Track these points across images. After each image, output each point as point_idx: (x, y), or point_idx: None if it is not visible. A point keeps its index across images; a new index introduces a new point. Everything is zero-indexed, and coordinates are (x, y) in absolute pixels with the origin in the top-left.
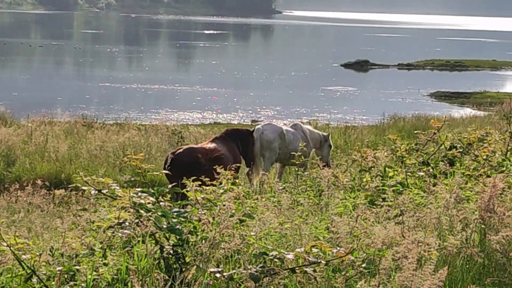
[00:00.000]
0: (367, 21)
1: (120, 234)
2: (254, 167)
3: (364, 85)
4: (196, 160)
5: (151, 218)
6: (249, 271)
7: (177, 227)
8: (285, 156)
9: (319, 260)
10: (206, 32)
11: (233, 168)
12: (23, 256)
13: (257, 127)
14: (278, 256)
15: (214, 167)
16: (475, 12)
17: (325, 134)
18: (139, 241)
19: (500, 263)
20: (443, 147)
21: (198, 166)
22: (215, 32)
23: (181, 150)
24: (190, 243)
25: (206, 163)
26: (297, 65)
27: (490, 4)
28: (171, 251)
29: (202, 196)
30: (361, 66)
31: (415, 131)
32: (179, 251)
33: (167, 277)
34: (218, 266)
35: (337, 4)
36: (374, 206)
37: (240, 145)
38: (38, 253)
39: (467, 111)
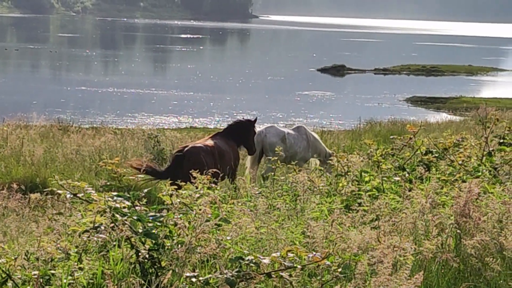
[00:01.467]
0: (344, 25)
1: (95, 238)
2: (249, 163)
3: (340, 89)
4: (201, 160)
5: (126, 222)
6: (225, 275)
7: (153, 231)
8: (285, 159)
9: (295, 265)
10: (182, 36)
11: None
12: None
13: (259, 129)
14: (254, 261)
15: (217, 163)
16: (452, 17)
17: (330, 152)
18: (114, 245)
19: (475, 268)
20: (419, 152)
21: (203, 165)
22: (191, 36)
23: (188, 149)
24: (166, 247)
25: (209, 161)
26: (273, 69)
27: (466, 10)
28: (147, 256)
29: (178, 200)
30: (338, 70)
31: (391, 136)
32: (155, 255)
33: (142, 282)
34: (194, 271)
35: (313, 8)
36: (350, 211)
37: (242, 136)
38: (13, 257)
39: (443, 116)
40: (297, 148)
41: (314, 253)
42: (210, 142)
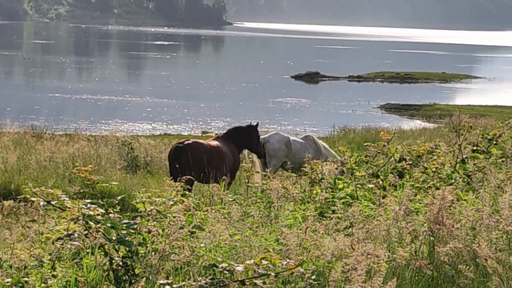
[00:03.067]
0: (318, 32)
1: (69, 246)
2: (254, 168)
3: (314, 97)
4: (201, 154)
5: (100, 229)
6: (199, 283)
7: (127, 238)
8: (294, 166)
9: (268, 272)
10: (156, 43)
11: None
12: None
13: (264, 136)
14: (228, 268)
15: (215, 163)
16: (426, 25)
17: (343, 158)
18: (88, 252)
19: (448, 275)
20: (392, 159)
21: (201, 159)
22: (165, 43)
23: (189, 141)
24: (140, 254)
25: (208, 158)
26: (247, 76)
27: (440, 17)
28: (121, 263)
29: (152, 207)
30: (312, 78)
31: (365, 143)
32: (129, 262)
33: None
34: (167, 278)
35: (288, 15)
36: (324, 218)
37: (244, 141)
38: None
39: (417, 123)
40: (305, 156)
41: (288, 260)
42: (211, 142)
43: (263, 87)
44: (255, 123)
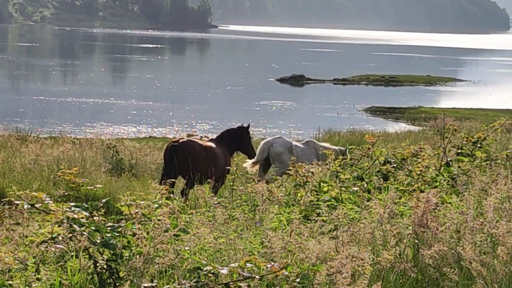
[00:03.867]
0: (303, 35)
1: (53, 249)
2: (258, 174)
3: (299, 99)
4: (196, 153)
5: (84, 232)
6: (183, 286)
7: (111, 241)
8: None
9: (253, 275)
10: (141, 46)
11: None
12: None
13: (267, 139)
14: (212, 271)
15: (209, 163)
16: (411, 27)
17: (343, 148)
18: (72, 255)
19: (433, 278)
20: (377, 162)
21: (196, 158)
22: (150, 46)
23: (184, 140)
24: (124, 258)
25: (202, 157)
26: (233, 79)
27: (425, 20)
28: (105, 266)
29: (137, 210)
30: (297, 80)
31: (350, 146)
32: (113, 266)
33: None
34: (152, 281)
35: (273, 18)
36: (309, 221)
37: (236, 143)
38: None
39: (402, 126)
40: (306, 161)
41: (272, 263)
42: (205, 143)
43: (248, 90)
44: (246, 125)
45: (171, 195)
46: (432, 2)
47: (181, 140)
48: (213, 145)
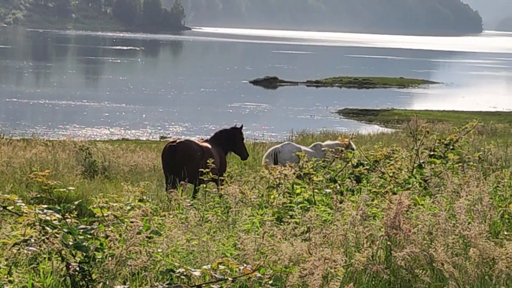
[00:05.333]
0: (276, 37)
1: (25, 251)
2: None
3: (273, 101)
4: (193, 152)
5: (57, 235)
6: None
7: (84, 244)
8: None
9: (226, 277)
10: (114, 48)
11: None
12: None
13: (276, 146)
14: (185, 273)
15: (205, 164)
16: (384, 30)
17: (339, 142)
18: (45, 258)
19: (405, 280)
20: (350, 164)
21: (194, 158)
22: (123, 48)
23: (182, 140)
24: (97, 260)
25: (200, 157)
26: (206, 81)
27: (398, 23)
28: (78, 268)
29: (109, 213)
30: (270, 83)
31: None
32: (86, 268)
33: None
34: (124, 283)
35: (246, 20)
36: (282, 223)
37: (229, 144)
38: None
39: (375, 128)
40: None
41: (245, 265)
42: (202, 143)
43: (221, 92)
44: (239, 125)
45: (144, 197)
46: (405, 4)
47: (178, 141)
48: (209, 145)
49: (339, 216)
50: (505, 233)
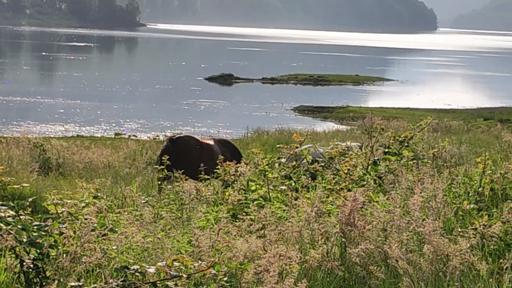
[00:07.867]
0: (232, 34)
1: None
2: None
3: (228, 98)
4: (193, 147)
5: (11, 231)
6: (110, 285)
7: (38, 241)
8: None
9: (180, 274)
10: (69, 44)
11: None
12: None
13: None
14: (139, 270)
15: (205, 159)
16: (339, 27)
17: (359, 144)
18: None
19: (360, 276)
20: (305, 161)
21: (192, 153)
22: (78, 44)
23: (181, 136)
24: (51, 257)
25: (199, 152)
26: (161, 78)
27: (353, 20)
28: (31, 265)
29: (64, 209)
30: (225, 80)
31: (278, 145)
32: (40, 265)
33: None
34: (79, 280)
35: (201, 17)
36: (237, 220)
37: (231, 156)
38: None
39: (330, 125)
40: None
41: (200, 262)
42: (205, 140)
43: (176, 88)
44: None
45: (99, 194)
46: (361, 2)
47: (177, 136)
48: (211, 142)
49: (294, 213)
50: (459, 230)
